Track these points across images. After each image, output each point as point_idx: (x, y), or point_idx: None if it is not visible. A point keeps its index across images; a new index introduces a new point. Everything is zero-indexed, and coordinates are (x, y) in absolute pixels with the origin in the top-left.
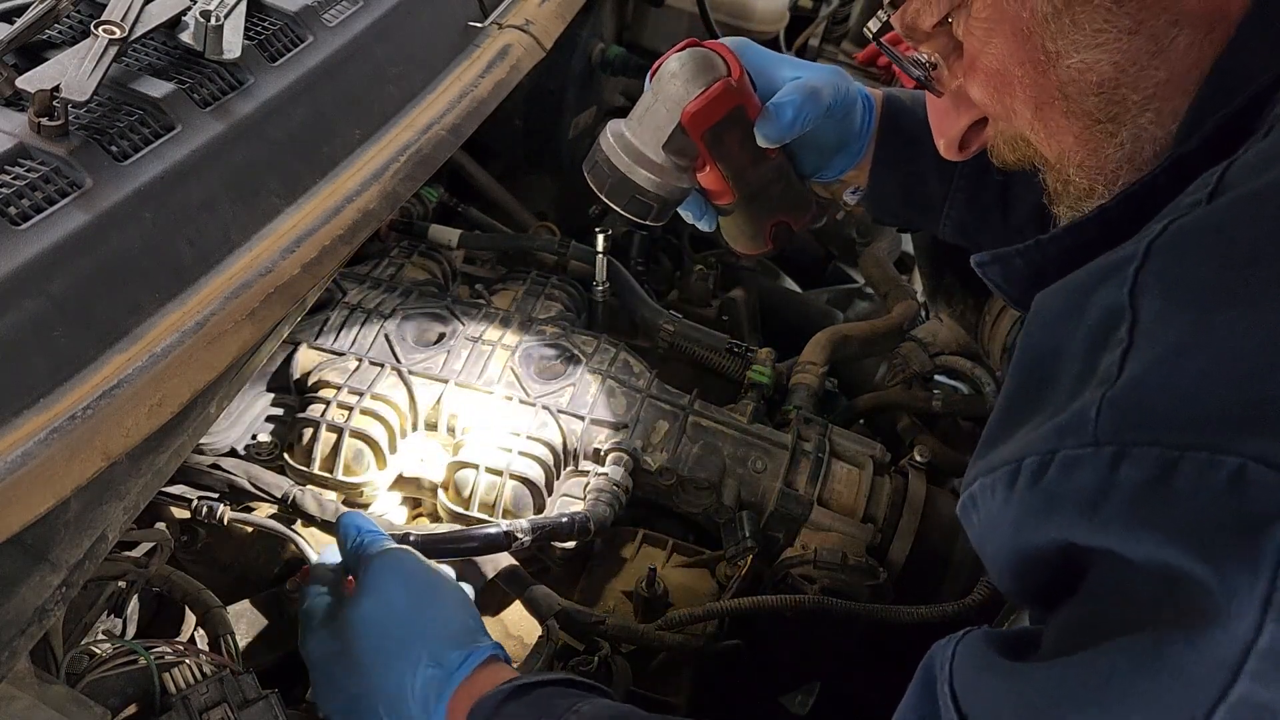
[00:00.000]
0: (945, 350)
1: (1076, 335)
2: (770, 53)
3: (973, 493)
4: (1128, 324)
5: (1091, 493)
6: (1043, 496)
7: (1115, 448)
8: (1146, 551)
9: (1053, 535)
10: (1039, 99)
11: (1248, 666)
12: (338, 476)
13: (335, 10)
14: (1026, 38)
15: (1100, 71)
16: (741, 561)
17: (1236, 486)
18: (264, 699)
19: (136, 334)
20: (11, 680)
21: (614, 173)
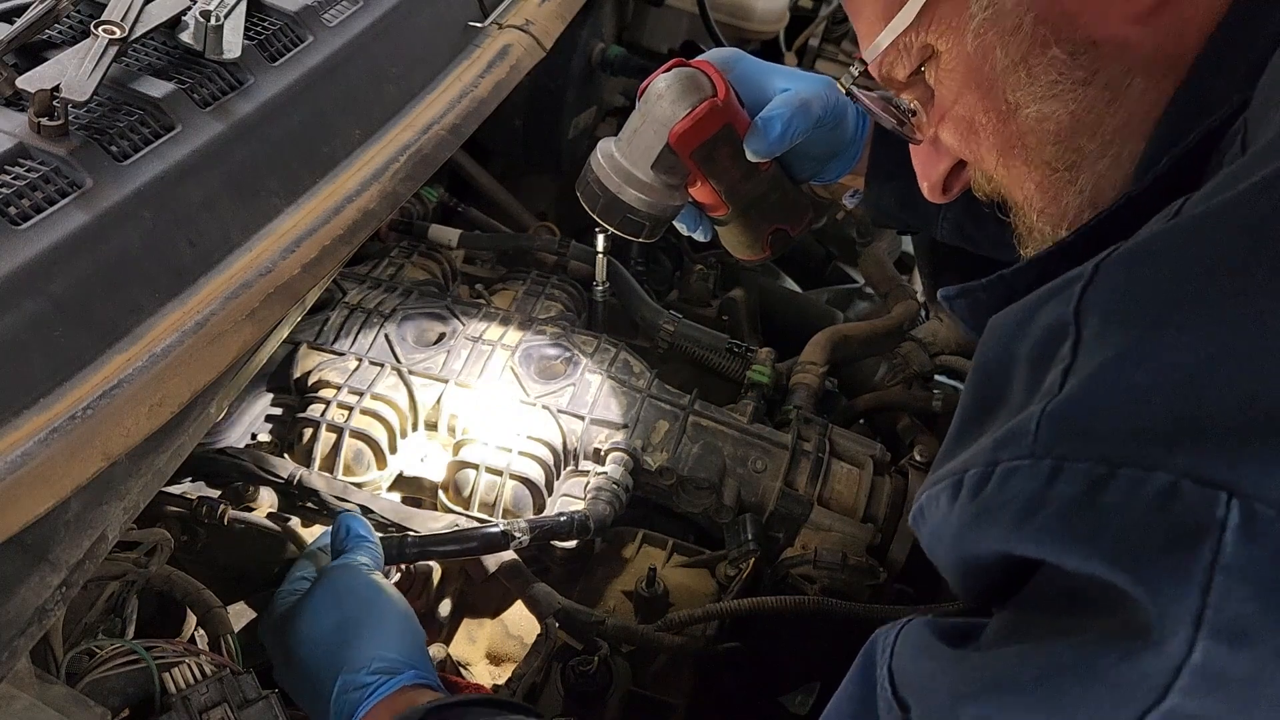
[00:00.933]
0: (945, 350)
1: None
2: (762, 64)
3: (921, 504)
4: (1071, 340)
5: (1026, 504)
6: (981, 508)
7: (1052, 461)
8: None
9: (991, 546)
10: (1002, 147)
11: (1178, 683)
12: (338, 476)
13: (335, 10)
14: (989, 89)
15: (1057, 121)
16: (744, 564)
17: (1167, 502)
18: (264, 699)
19: (136, 334)
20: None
21: (605, 193)
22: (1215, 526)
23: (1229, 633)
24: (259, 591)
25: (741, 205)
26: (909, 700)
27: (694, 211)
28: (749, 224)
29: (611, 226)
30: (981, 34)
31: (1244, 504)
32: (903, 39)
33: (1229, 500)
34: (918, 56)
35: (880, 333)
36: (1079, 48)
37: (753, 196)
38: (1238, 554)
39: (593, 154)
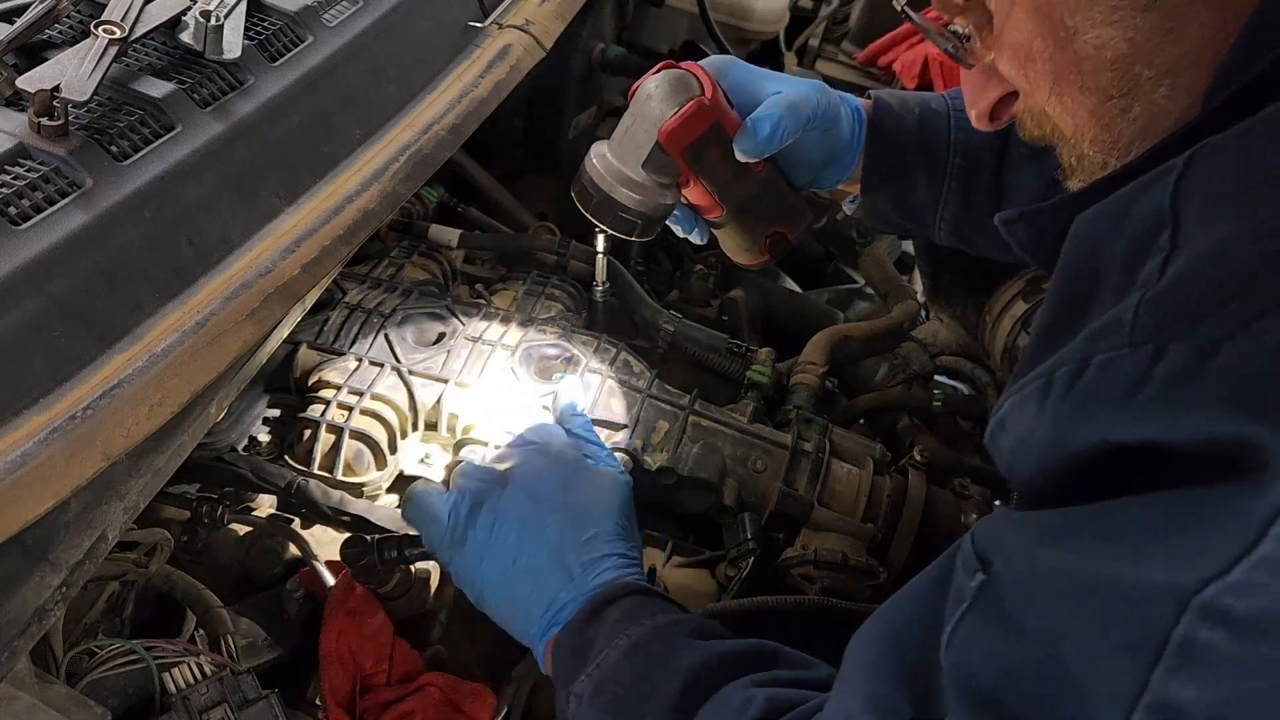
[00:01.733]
0: (945, 350)
1: (1116, 249)
2: (755, 69)
3: (1002, 415)
4: (1169, 230)
5: (1128, 386)
6: (1077, 400)
7: (1154, 345)
8: (1187, 431)
9: (1090, 437)
10: (1056, 74)
11: (1274, 529)
12: (337, 476)
13: (335, 10)
14: (1048, 13)
15: (1115, 48)
16: (743, 563)
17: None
18: (264, 699)
19: (136, 334)
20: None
21: (598, 193)
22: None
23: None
24: (259, 591)
25: (735, 207)
26: (990, 555)
27: (689, 213)
28: (745, 226)
29: (605, 225)
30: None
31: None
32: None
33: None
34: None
35: (880, 333)
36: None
37: (746, 198)
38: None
39: (587, 155)
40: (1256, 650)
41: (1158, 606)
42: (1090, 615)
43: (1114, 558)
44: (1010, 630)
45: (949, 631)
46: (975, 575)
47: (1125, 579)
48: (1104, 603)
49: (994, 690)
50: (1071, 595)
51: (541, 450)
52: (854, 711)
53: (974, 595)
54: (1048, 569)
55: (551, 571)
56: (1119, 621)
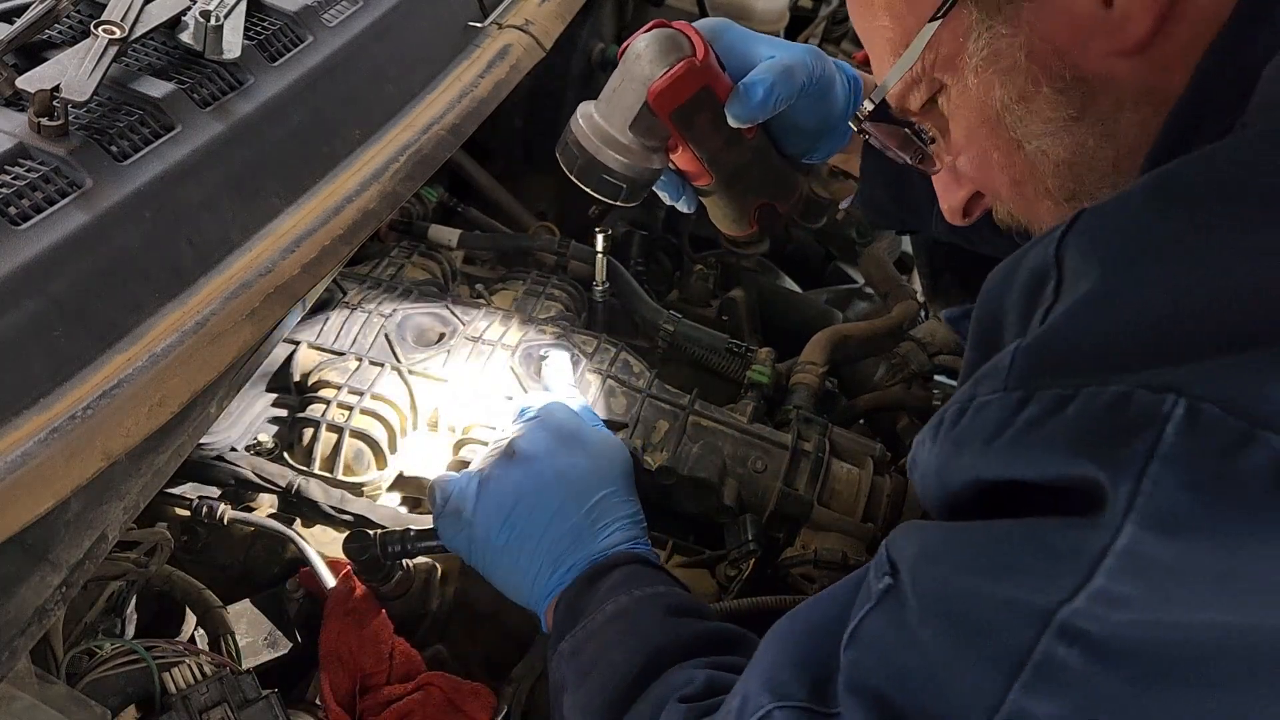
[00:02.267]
0: (945, 350)
1: (1011, 301)
2: (749, 33)
3: (913, 450)
4: (1053, 282)
5: (995, 429)
6: (955, 439)
7: (1022, 392)
8: (1038, 469)
9: (964, 474)
10: (1013, 178)
11: (1105, 563)
12: (338, 476)
13: (335, 10)
14: (995, 124)
15: (1056, 155)
16: (744, 564)
17: (1121, 405)
18: (264, 699)
19: (136, 334)
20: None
21: (582, 154)
22: (1159, 419)
23: (1158, 520)
24: (259, 591)
25: (725, 175)
26: (898, 562)
27: (677, 181)
28: (734, 196)
29: (589, 188)
30: (980, 72)
31: (1190, 402)
32: (912, 74)
33: (1176, 399)
34: (927, 89)
35: (880, 333)
36: (1069, 84)
37: (736, 166)
38: (1176, 445)
39: (573, 116)
40: (1109, 672)
41: (1020, 624)
42: (963, 629)
43: (984, 575)
44: (904, 634)
45: (852, 627)
46: (883, 578)
47: (994, 596)
48: (975, 617)
49: (883, 689)
50: (950, 608)
51: (543, 422)
52: (751, 691)
53: (879, 597)
54: (935, 581)
55: (560, 537)
56: (986, 636)
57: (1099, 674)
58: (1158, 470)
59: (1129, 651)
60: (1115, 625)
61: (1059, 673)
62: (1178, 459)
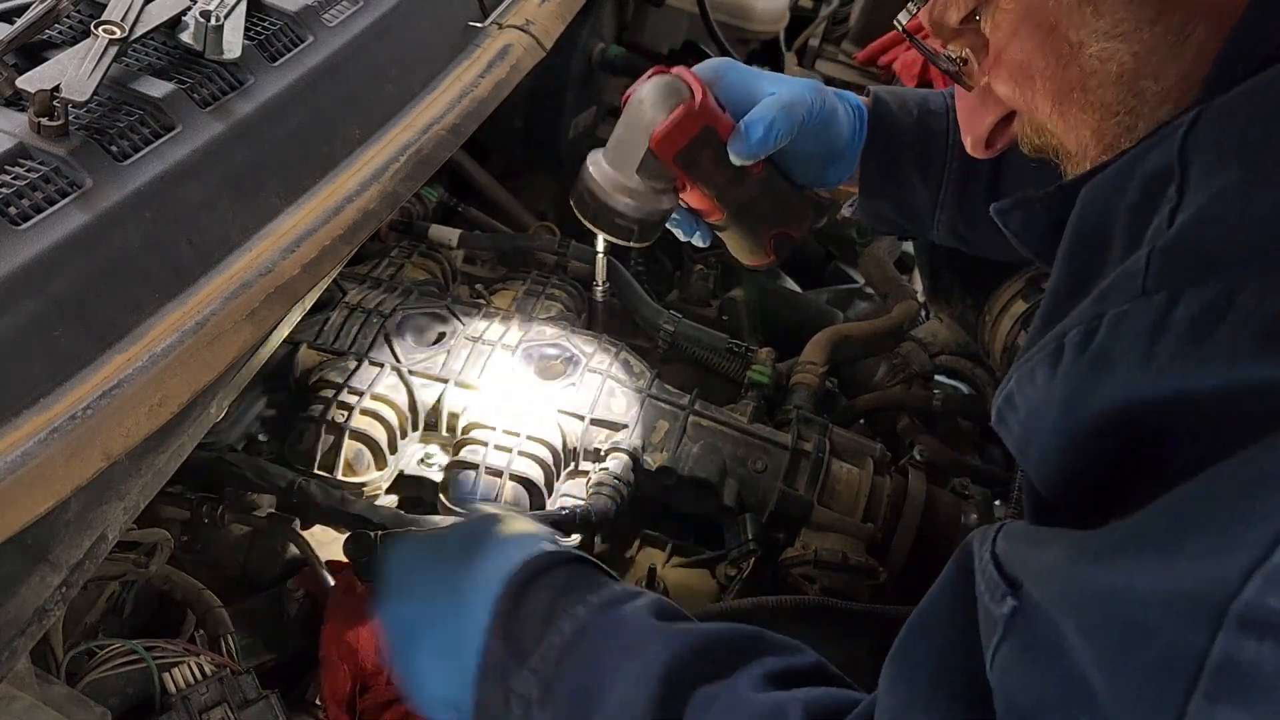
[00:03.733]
0: (945, 350)
1: (1123, 207)
2: (751, 71)
3: (1009, 390)
4: (1176, 183)
5: (1146, 337)
6: (1092, 360)
7: (1167, 293)
8: (1214, 377)
9: (1108, 399)
10: (1059, 92)
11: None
12: (338, 477)
13: (335, 10)
14: (1051, 29)
15: (1121, 62)
16: (744, 564)
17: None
18: (264, 699)
19: (136, 334)
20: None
21: (594, 200)
22: None
23: None
24: (259, 591)
25: (735, 209)
26: (1019, 576)
27: (690, 217)
28: (747, 228)
29: (603, 232)
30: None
31: None
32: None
33: None
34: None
35: (880, 333)
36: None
37: (745, 200)
38: None
39: (584, 164)
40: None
41: (1189, 620)
42: (1117, 636)
43: (1140, 568)
44: (1045, 656)
45: (989, 656)
46: (1005, 601)
47: (1152, 591)
48: (1131, 620)
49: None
50: (1098, 615)
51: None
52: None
53: (1004, 623)
54: (1075, 589)
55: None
56: (1147, 641)
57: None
58: None
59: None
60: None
61: (1249, 674)
62: None
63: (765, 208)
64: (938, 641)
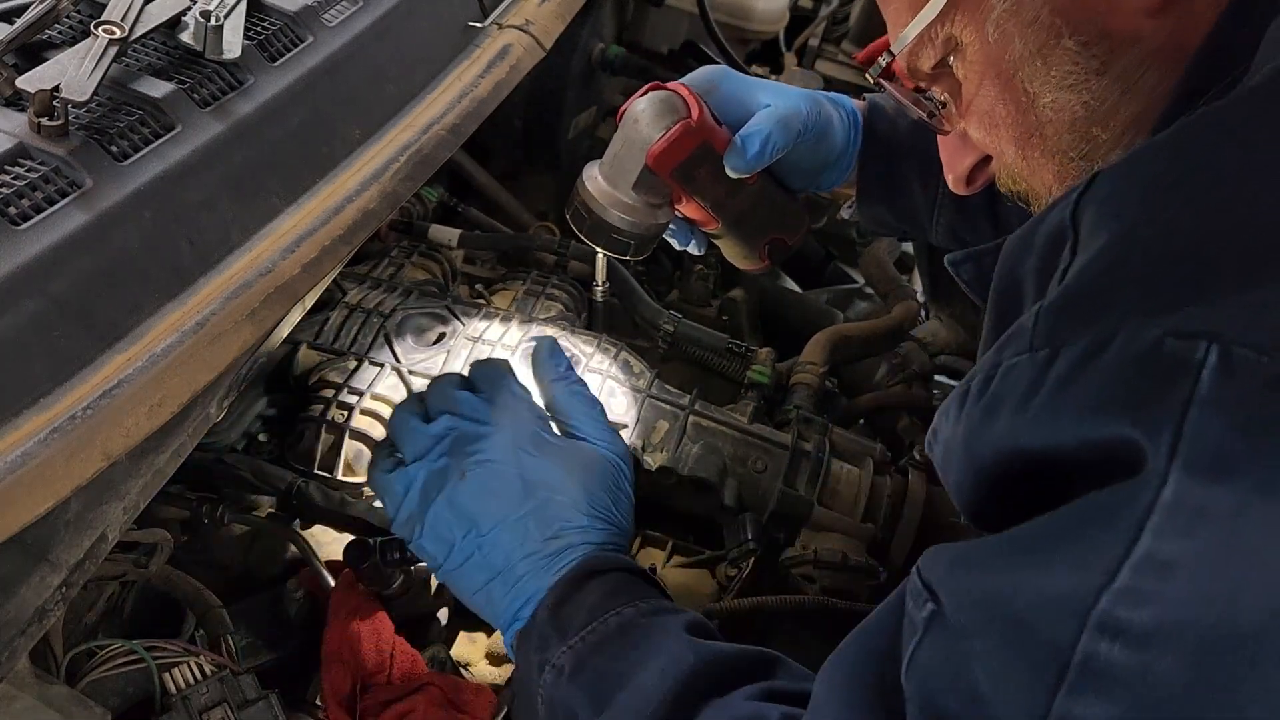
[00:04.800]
0: (945, 350)
1: (1029, 267)
2: (748, 80)
3: (934, 424)
4: (1070, 242)
5: (1026, 390)
6: (986, 405)
7: (1048, 350)
8: (1071, 434)
9: (996, 444)
10: (1021, 137)
11: (1152, 521)
12: (338, 476)
13: (335, 10)
14: (1009, 79)
15: (1073, 111)
16: (743, 563)
17: (1151, 357)
18: (264, 699)
19: (136, 334)
20: (11, 680)
21: (590, 215)
22: (1194, 366)
23: (1204, 466)
24: (259, 591)
25: (731, 219)
26: (935, 587)
27: (685, 226)
28: (743, 236)
29: (599, 247)
30: (1001, 24)
31: (1222, 347)
32: (928, 30)
33: (1208, 346)
34: (942, 48)
35: (880, 333)
36: (1093, 39)
37: (742, 210)
38: (1214, 389)
39: (579, 179)
40: (1156, 664)
41: (1059, 622)
42: (1006, 633)
43: (1021, 571)
44: (956, 655)
45: (906, 661)
46: (925, 606)
47: (1030, 592)
48: (1015, 619)
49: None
50: (992, 614)
51: (503, 427)
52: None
53: (924, 625)
54: (975, 591)
55: (514, 572)
56: (1027, 638)
57: (1149, 666)
58: (1198, 416)
59: (1180, 633)
60: (1164, 605)
61: (1105, 671)
62: (1218, 402)
63: (761, 216)
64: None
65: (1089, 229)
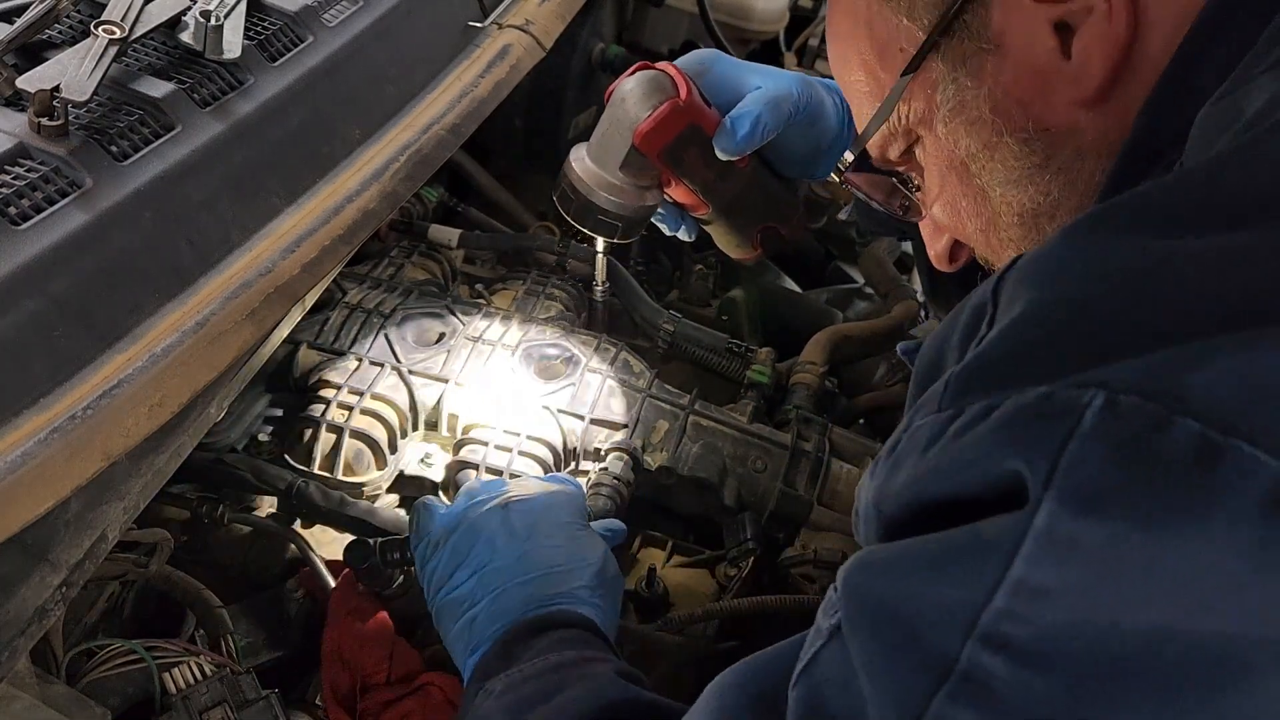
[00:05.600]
0: None
1: (953, 342)
2: (738, 63)
3: (854, 505)
4: (988, 316)
5: (925, 444)
6: (892, 464)
7: (953, 410)
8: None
9: (901, 495)
10: (983, 227)
11: (1024, 549)
12: (338, 476)
13: (335, 10)
14: (964, 172)
15: (1020, 204)
16: (743, 563)
17: (1043, 404)
18: (264, 699)
19: (136, 334)
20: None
21: (577, 197)
22: (1079, 408)
23: (1078, 497)
24: (259, 591)
25: (722, 204)
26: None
27: (675, 211)
28: (734, 223)
29: (586, 228)
30: (948, 122)
31: (1109, 393)
32: (890, 127)
33: (1096, 392)
34: (904, 140)
35: (880, 333)
36: (1032, 135)
37: (732, 195)
38: (1095, 428)
39: (566, 160)
40: (1034, 683)
41: (947, 630)
42: (892, 636)
43: (913, 579)
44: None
45: (802, 665)
46: (834, 615)
47: (922, 599)
48: (904, 624)
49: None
50: (880, 615)
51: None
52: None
53: (830, 632)
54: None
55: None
56: (914, 642)
57: (1025, 683)
58: (1076, 448)
59: (1057, 656)
60: (1041, 627)
61: (985, 682)
62: (1096, 438)
63: (752, 203)
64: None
65: (1005, 303)
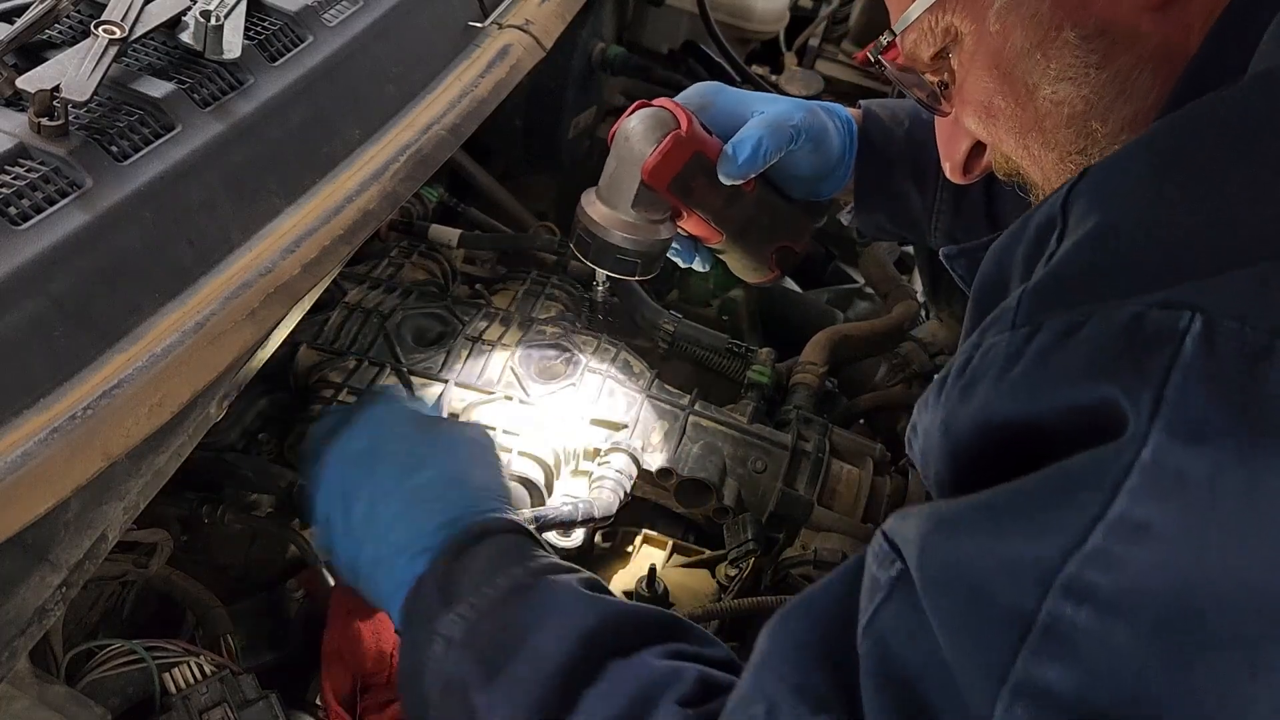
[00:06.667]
0: (945, 350)
1: (1018, 256)
2: (740, 93)
3: (913, 419)
4: (1058, 231)
5: (1004, 364)
6: (963, 384)
7: (1029, 327)
8: (1051, 401)
9: (972, 418)
10: (1019, 129)
11: (1129, 482)
12: None
13: (335, 10)
14: (1008, 71)
15: (1072, 105)
16: (743, 563)
17: (1135, 326)
18: (264, 699)
19: (136, 334)
20: (11, 680)
21: (593, 240)
22: (1177, 335)
23: (1185, 429)
24: (259, 592)
25: (734, 230)
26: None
27: (688, 243)
28: (748, 247)
29: (605, 269)
30: (1002, 16)
31: (1205, 317)
32: (928, 19)
33: (1192, 316)
34: (941, 38)
35: (880, 333)
36: (1092, 32)
37: (743, 220)
38: (1196, 356)
39: (579, 205)
40: (1119, 631)
41: (1024, 584)
42: (969, 595)
43: (991, 534)
44: (918, 616)
45: (865, 620)
46: (892, 566)
47: (998, 554)
48: (979, 581)
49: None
50: (956, 575)
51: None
52: (777, 698)
53: (889, 586)
54: (941, 552)
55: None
56: (991, 600)
57: (1109, 634)
58: (1180, 380)
59: (1141, 603)
60: (1133, 571)
61: (1069, 635)
62: (1200, 370)
63: (763, 225)
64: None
65: (1077, 219)
